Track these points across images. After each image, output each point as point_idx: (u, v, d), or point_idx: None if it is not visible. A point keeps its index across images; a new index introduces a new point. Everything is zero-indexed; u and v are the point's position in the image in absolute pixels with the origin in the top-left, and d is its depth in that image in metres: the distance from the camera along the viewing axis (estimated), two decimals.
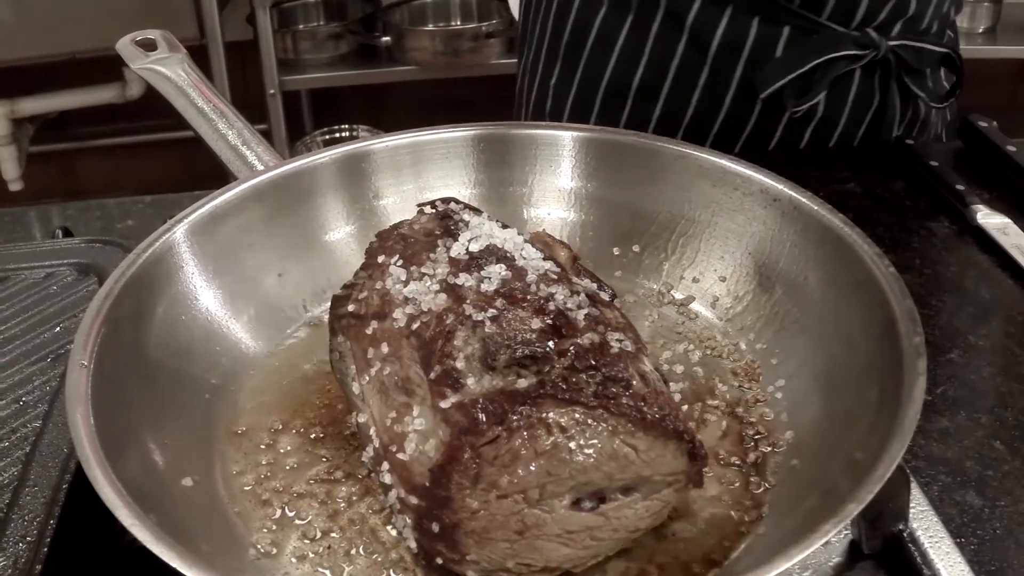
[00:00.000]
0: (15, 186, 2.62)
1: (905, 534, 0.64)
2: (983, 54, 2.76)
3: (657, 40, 1.20)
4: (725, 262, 0.84)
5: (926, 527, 0.65)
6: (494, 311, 0.59)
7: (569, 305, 0.61)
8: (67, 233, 1.00)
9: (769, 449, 0.69)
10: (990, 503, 0.72)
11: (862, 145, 1.24)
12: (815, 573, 0.65)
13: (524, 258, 0.65)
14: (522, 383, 0.56)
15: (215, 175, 0.91)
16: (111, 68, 2.49)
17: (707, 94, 1.20)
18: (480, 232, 0.67)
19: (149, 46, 0.93)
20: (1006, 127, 1.18)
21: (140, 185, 3.02)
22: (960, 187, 1.08)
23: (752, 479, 0.67)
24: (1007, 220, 1.04)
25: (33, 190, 2.64)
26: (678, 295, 0.85)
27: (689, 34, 1.17)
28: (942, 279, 0.98)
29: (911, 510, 0.65)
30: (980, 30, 2.76)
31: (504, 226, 0.70)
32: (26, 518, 0.63)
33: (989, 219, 1.04)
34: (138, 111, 2.68)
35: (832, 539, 0.63)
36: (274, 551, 0.63)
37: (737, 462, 0.69)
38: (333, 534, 0.64)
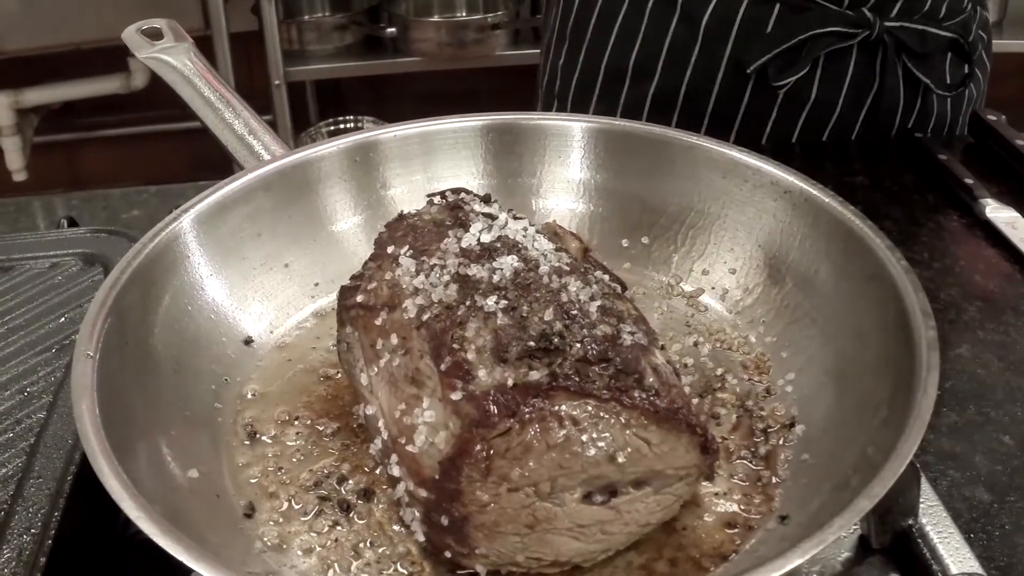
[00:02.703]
0: (20, 176, 2.62)
1: (914, 529, 0.64)
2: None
3: (651, 18, 1.20)
4: (735, 254, 0.83)
5: (935, 522, 0.64)
6: (506, 302, 0.58)
7: (582, 297, 0.60)
8: (72, 223, 1.00)
9: (780, 443, 0.69)
10: (999, 498, 0.72)
11: (870, 137, 1.23)
12: (824, 568, 0.65)
13: (536, 249, 0.64)
14: (534, 375, 0.55)
15: (219, 165, 0.91)
16: (115, 58, 2.49)
17: (698, 72, 1.20)
18: (491, 222, 0.66)
19: (155, 35, 0.93)
20: (1015, 121, 1.18)
21: (144, 175, 3.01)
22: (969, 181, 1.08)
23: (763, 473, 0.67)
24: (1016, 214, 1.03)
25: (37, 180, 2.65)
26: (688, 287, 0.84)
27: (681, 11, 1.18)
28: (951, 273, 0.97)
29: (920, 505, 0.64)
30: None
31: (516, 216, 0.69)
32: (30, 510, 0.62)
33: (998, 213, 1.03)
34: (142, 101, 2.68)
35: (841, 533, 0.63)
36: (281, 544, 0.63)
37: (748, 456, 0.68)
38: (340, 527, 0.64)
